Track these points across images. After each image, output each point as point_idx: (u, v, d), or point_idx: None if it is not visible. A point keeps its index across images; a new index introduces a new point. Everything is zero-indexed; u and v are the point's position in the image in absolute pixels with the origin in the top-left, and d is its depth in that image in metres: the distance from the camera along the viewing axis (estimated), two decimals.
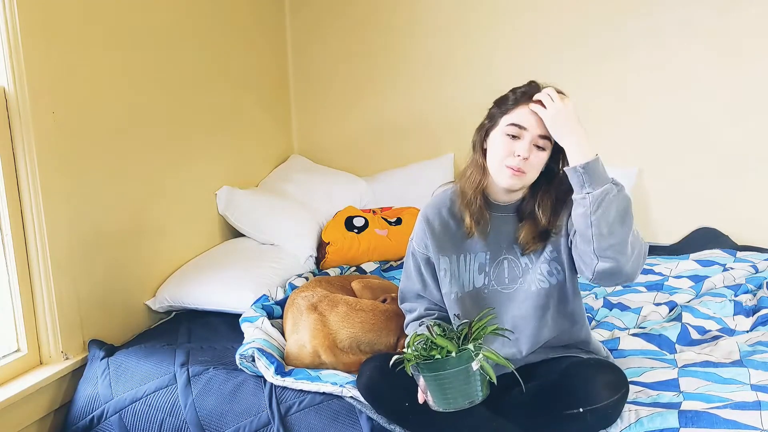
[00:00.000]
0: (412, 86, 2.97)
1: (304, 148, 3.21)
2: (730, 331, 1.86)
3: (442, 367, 1.27)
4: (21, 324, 1.82)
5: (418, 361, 1.30)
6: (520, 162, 1.40)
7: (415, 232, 1.61)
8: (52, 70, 1.78)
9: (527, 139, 1.41)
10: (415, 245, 1.61)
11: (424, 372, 1.30)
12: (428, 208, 1.60)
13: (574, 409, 1.34)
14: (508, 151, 1.42)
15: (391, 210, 2.77)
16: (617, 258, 1.35)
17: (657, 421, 1.38)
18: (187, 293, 2.15)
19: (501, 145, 1.43)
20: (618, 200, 1.35)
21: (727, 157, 2.57)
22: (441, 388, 1.29)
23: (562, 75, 2.69)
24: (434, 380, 1.29)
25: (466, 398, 1.29)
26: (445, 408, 1.31)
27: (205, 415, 1.67)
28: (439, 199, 1.60)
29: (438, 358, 1.28)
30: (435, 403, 1.33)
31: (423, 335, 1.34)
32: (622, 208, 1.35)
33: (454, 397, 1.29)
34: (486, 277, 1.53)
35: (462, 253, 1.54)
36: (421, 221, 1.59)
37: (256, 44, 2.82)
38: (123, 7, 2.03)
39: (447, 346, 1.29)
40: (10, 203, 1.75)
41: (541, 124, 1.40)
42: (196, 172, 2.42)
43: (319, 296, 1.82)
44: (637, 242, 1.39)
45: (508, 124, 1.42)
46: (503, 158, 1.43)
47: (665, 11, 2.55)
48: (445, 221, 1.56)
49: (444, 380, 1.28)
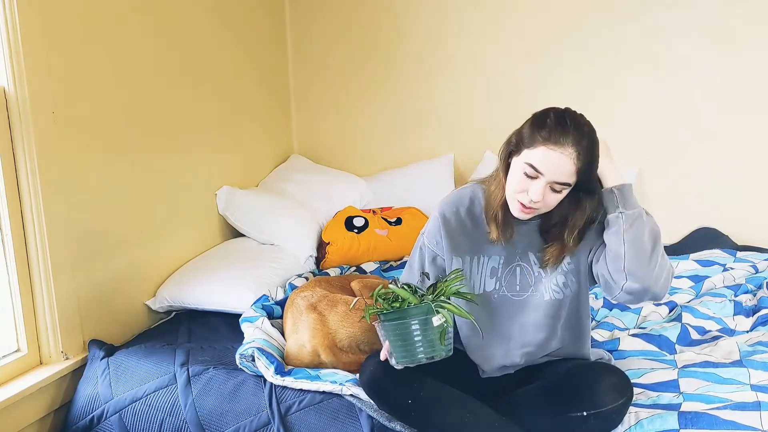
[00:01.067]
0: (412, 86, 2.97)
1: (304, 148, 3.21)
2: (730, 332, 1.86)
3: (402, 317, 1.29)
4: (21, 324, 1.82)
5: (379, 310, 1.32)
6: (531, 203, 1.37)
7: (429, 228, 1.58)
8: (52, 70, 1.78)
9: (542, 183, 1.35)
10: (426, 240, 1.58)
11: (385, 323, 1.32)
12: (446, 205, 1.56)
13: (578, 412, 1.34)
14: (521, 188, 1.38)
15: (391, 210, 2.77)
16: (646, 278, 1.36)
17: (657, 422, 1.38)
18: (187, 293, 2.15)
19: (517, 178, 1.38)
20: (650, 224, 1.38)
21: (728, 157, 2.57)
22: (402, 341, 1.31)
23: (562, 75, 2.72)
24: (395, 331, 1.31)
25: (426, 353, 1.31)
26: (404, 363, 1.33)
27: (205, 414, 1.67)
28: (458, 197, 1.56)
29: (398, 308, 1.30)
30: (395, 359, 1.34)
31: (389, 289, 1.36)
32: (654, 233, 1.38)
33: (413, 352, 1.31)
34: (497, 282, 1.51)
35: (476, 255, 1.52)
36: (437, 217, 1.55)
37: (255, 44, 2.82)
38: (123, 7, 2.03)
39: (408, 298, 1.31)
40: (10, 203, 1.75)
41: (563, 172, 1.33)
42: (196, 172, 2.42)
43: (318, 296, 1.82)
44: (666, 264, 1.40)
45: (526, 162, 1.36)
46: (516, 192, 1.39)
47: (665, 10, 2.55)
48: (462, 220, 1.53)
49: (404, 331, 1.30)
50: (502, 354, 1.52)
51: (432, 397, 1.41)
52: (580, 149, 1.33)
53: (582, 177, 1.36)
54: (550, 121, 1.35)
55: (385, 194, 2.90)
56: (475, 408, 1.41)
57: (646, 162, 2.68)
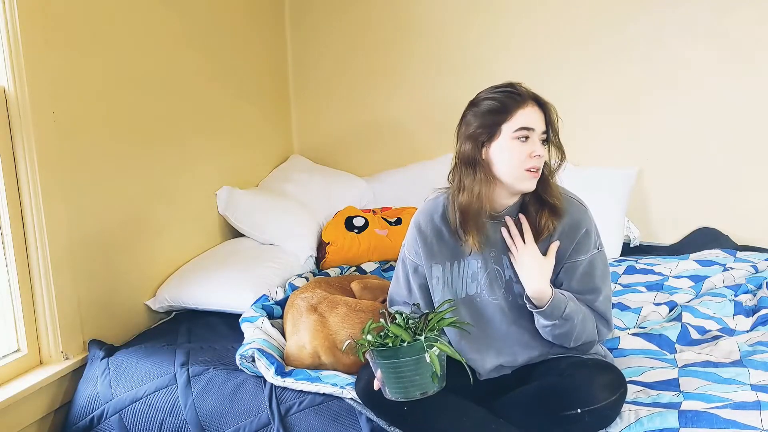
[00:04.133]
0: (412, 86, 2.97)
1: (304, 148, 3.21)
2: (730, 331, 1.86)
3: (395, 356, 1.29)
4: (21, 324, 1.82)
5: (371, 347, 1.32)
6: (539, 160, 1.43)
7: (407, 239, 1.61)
8: (52, 70, 1.78)
9: (535, 139, 1.43)
10: (405, 251, 1.62)
11: (377, 359, 1.31)
12: (420, 215, 1.59)
13: (572, 410, 1.34)
14: (522, 155, 1.42)
15: (391, 210, 2.77)
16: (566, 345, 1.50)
17: (657, 420, 1.38)
18: (187, 293, 2.15)
19: (514, 151, 1.42)
20: (563, 330, 1.45)
21: (728, 157, 2.57)
22: (395, 377, 1.31)
23: (563, 75, 2.72)
24: (387, 368, 1.31)
25: (419, 389, 1.31)
26: (398, 397, 1.33)
27: (205, 415, 1.67)
28: (431, 206, 1.58)
29: (390, 347, 1.30)
30: (389, 392, 1.34)
31: (380, 323, 1.36)
32: (567, 335, 1.46)
33: (406, 387, 1.31)
34: (478, 286, 1.53)
35: (456, 260, 1.54)
36: (413, 229, 1.58)
37: (256, 44, 2.82)
38: (123, 7, 2.03)
39: (401, 335, 1.30)
40: (10, 203, 1.75)
41: (541, 121, 1.44)
42: (196, 172, 2.42)
43: (318, 297, 1.82)
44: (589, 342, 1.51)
45: (517, 129, 1.41)
46: (521, 163, 1.42)
47: (665, 11, 2.55)
48: (437, 228, 1.55)
49: (397, 369, 1.30)
50: (493, 355, 1.53)
51: (427, 403, 1.41)
52: (540, 101, 1.45)
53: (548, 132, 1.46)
54: (501, 94, 1.44)
55: (385, 194, 2.90)
56: (470, 411, 1.42)
57: (646, 162, 2.68)
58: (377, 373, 1.36)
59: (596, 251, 1.50)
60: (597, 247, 1.51)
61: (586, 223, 1.49)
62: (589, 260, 1.49)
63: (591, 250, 1.49)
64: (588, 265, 1.49)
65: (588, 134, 2.69)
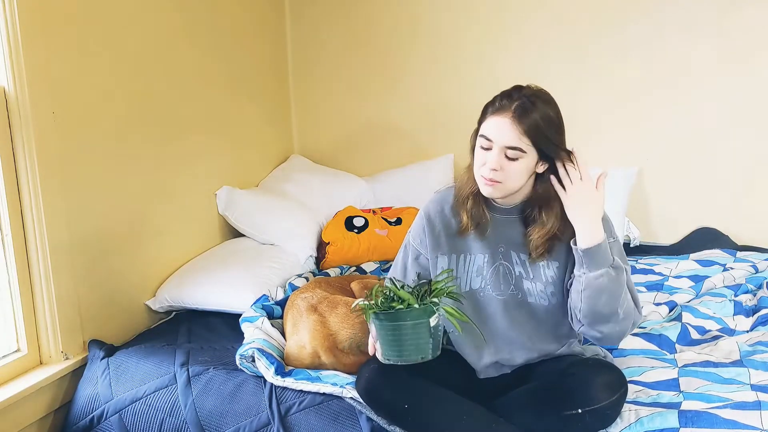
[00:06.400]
0: (412, 86, 2.97)
1: (304, 148, 3.21)
2: (730, 331, 1.86)
3: (402, 319, 1.31)
4: (21, 324, 1.82)
5: (378, 310, 1.33)
6: (491, 173, 1.40)
7: (414, 227, 1.61)
8: (52, 70, 1.78)
9: (495, 151, 1.39)
10: (410, 238, 1.61)
11: (383, 322, 1.33)
12: (430, 204, 1.59)
13: (572, 410, 1.34)
14: (481, 162, 1.43)
15: (391, 210, 2.77)
16: (594, 335, 1.45)
17: (657, 420, 1.38)
18: (187, 293, 2.15)
19: (476, 154, 1.45)
20: (613, 285, 1.39)
21: (727, 157, 2.57)
22: (396, 341, 1.33)
23: (563, 75, 2.72)
24: (392, 331, 1.33)
25: (419, 353, 1.33)
26: (395, 360, 1.35)
27: (205, 415, 1.67)
28: (442, 197, 1.58)
29: (400, 308, 1.32)
30: (385, 356, 1.36)
31: (386, 287, 1.38)
32: (613, 296, 1.39)
33: (407, 351, 1.33)
34: (483, 281, 1.53)
35: (462, 253, 1.54)
36: (422, 217, 1.58)
37: (256, 44, 2.82)
38: (123, 7, 2.03)
39: (408, 299, 1.33)
40: (10, 203, 1.75)
41: (509, 135, 1.37)
42: (196, 172, 2.42)
43: (318, 297, 1.82)
44: (624, 326, 1.44)
45: (480, 135, 1.42)
46: (478, 168, 1.44)
47: (666, 12, 2.55)
48: (447, 219, 1.55)
49: (401, 332, 1.32)
50: (490, 352, 1.53)
51: (428, 402, 1.42)
52: (521, 111, 1.36)
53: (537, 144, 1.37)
54: (497, 95, 1.43)
55: (385, 194, 2.90)
56: (471, 410, 1.41)
57: (646, 162, 2.68)
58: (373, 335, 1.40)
59: (612, 240, 1.45)
60: (613, 236, 1.47)
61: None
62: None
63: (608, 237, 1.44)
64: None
65: (588, 134, 2.69)
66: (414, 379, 1.44)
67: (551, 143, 1.39)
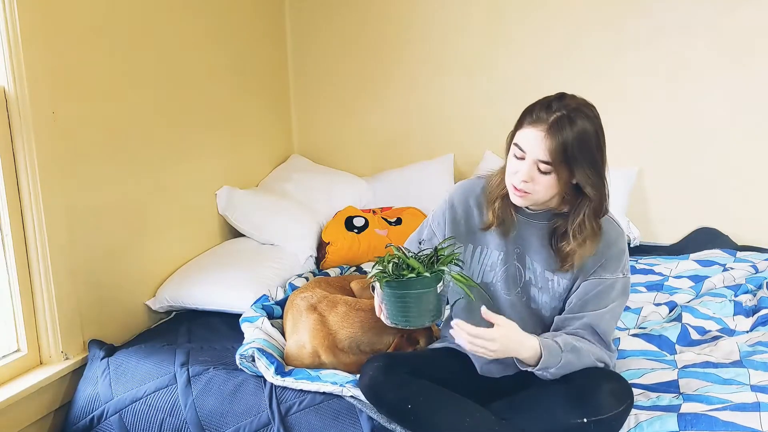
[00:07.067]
0: (412, 86, 2.97)
1: (304, 148, 3.21)
2: (730, 332, 1.86)
3: (413, 287, 1.35)
4: (21, 324, 1.82)
5: (390, 278, 1.36)
6: (522, 184, 1.38)
7: (436, 210, 1.62)
8: (52, 70, 1.78)
9: (528, 162, 1.36)
10: (431, 219, 1.63)
11: (394, 290, 1.36)
12: (457, 191, 1.59)
13: (578, 418, 1.33)
14: (513, 170, 1.40)
15: (391, 210, 2.77)
16: None
17: (656, 424, 1.38)
18: (187, 293, 2.15)
19: (509, 161, 1.42)
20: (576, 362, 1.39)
21: (727, 156, 2.57)
22: (404, 307, 1.37)
23: (563, 75, 2.71)
24: (401, 299, 1.36)
25: (425, 318, 1.38)
26: (403, 325, 1.39)
27: (205, 415, 1.67)
28: (470, 186, 1.58)
29: (411, 277, 1.35)
30: (392, 320, 1.41)
31: (395, 255, 1.40)
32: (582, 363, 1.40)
33: (414, 316, 1.37)
34: (494, 276, 1.53)
35: (479, 245, 1.54)
36: (446, 201, 1.59)
37: (256, 44, 2.82)
38: (123, 7, 2.03)
39: (418, 268, 1.35)
40: (10, 203, 1.75)
41: (542, 149, 1.33)
42: (196, 172, 2.42)
43: (318, 297, 1.82)
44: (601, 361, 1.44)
45: (514, 143, 1.40)
46: (510, 175, 1.42)
47: (665, 11, 2.55)
48: (469, 209, 1.55)
49: (409, 299, 1.35)
50: None
51: (431, 402, 1.41)
52: (557, 128, 1.32)
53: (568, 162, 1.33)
54: (536, 103, 1.39)
55: (385, 194, 2.90)
56: (473, 411, 1.41)
57: (646, 162, 2.68)
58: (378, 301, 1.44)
59: (621, 276, 1.45)
60: (624, 272, 1.46)
61: (621, 243, 1.46)
62: (611, 282, 1.44)
63: (617, 272, 1.44)
64: (609, 286, 1.44)
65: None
66: (417, 379, 1.43)
67: (582, 164, 1.34)
